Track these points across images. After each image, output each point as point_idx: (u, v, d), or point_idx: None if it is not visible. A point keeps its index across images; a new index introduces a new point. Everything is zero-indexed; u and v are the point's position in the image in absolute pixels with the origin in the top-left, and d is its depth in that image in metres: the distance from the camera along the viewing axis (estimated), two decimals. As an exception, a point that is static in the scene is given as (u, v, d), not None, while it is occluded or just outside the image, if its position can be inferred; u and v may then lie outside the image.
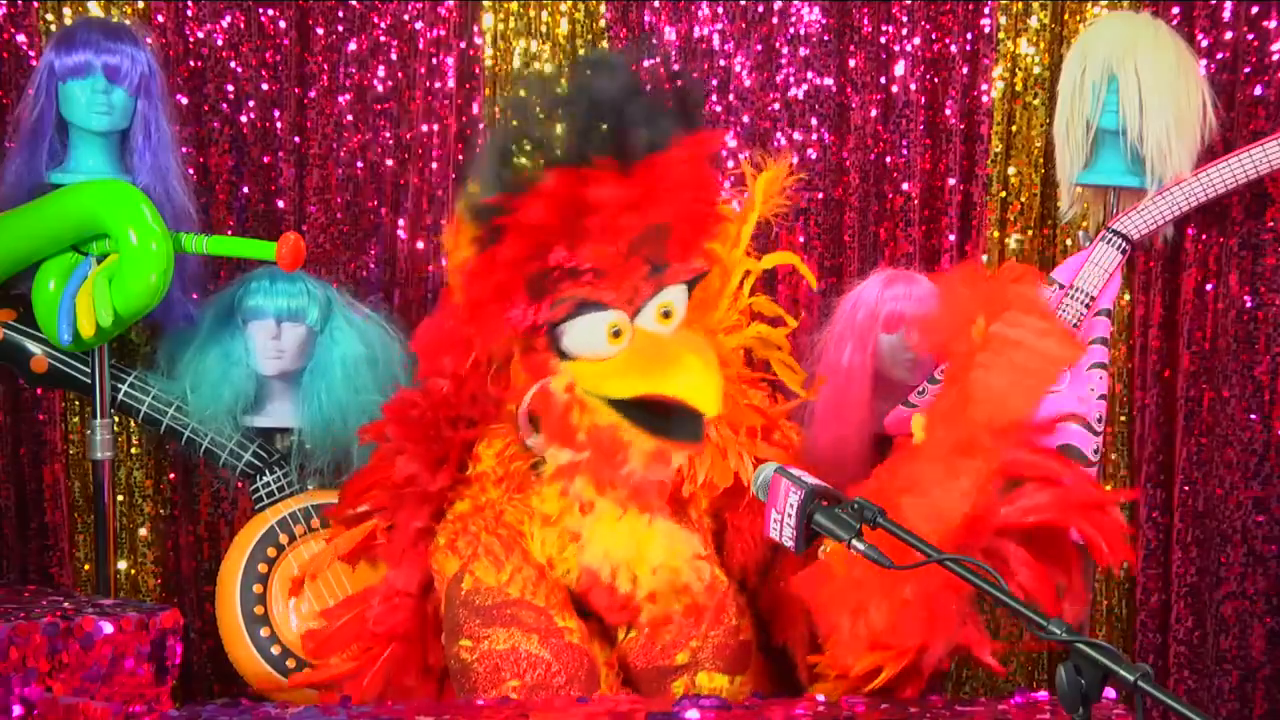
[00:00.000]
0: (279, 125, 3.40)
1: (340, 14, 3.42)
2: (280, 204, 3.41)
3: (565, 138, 2.34)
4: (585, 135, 2.33)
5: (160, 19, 3.32)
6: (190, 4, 3.35)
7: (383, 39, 3.43)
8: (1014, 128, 3.49)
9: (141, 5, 3.33)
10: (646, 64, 2.43)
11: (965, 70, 3.45)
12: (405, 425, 2.60)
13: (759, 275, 2.77)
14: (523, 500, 2.53)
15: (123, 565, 3.40)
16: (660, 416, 2.42)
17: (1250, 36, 3.25)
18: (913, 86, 3.44)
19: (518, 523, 2.51)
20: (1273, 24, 3.24)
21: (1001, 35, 3.45)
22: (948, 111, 3.45)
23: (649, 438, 2.42)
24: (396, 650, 2.61)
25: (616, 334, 2.42)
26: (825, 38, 3.45)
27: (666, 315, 2.46)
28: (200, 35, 3.36)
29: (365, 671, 2.61)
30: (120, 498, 3.39)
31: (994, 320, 2.33)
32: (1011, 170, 3.51)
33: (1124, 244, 3.07)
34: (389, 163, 3.46)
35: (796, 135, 3.46)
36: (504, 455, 2.56)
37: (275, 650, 3.04)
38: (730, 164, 3.30)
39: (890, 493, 2.23)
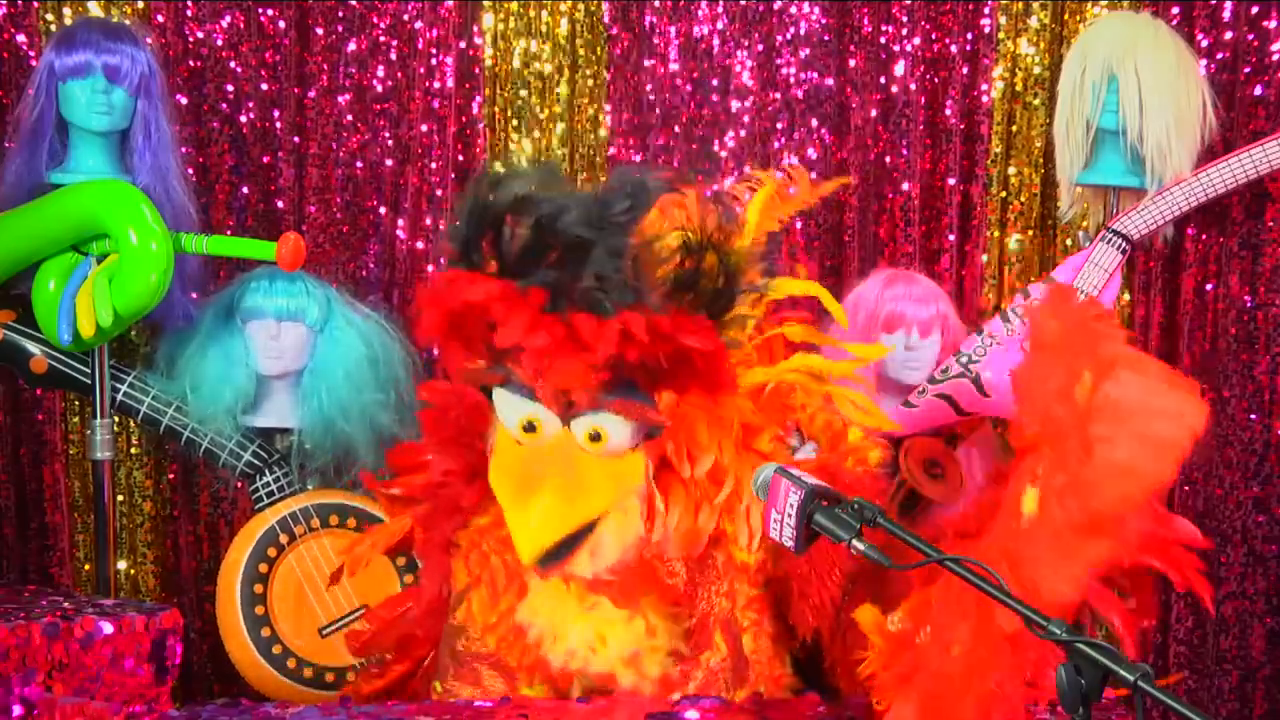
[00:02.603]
0: (279, 125, 3.40)
1: (340, 14, 3.42)
2: (280, 204, 3.41)
3: (519, 256, 2.17)
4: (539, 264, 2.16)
5: (160, 19, 3.32)
6: (190, 4, 3.35)
7: (382, 39, 3.43)
8: (1014, 128, 3.49)
9: (141, 5, 3.33)
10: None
11: (965, 70, 3.44)
12: (439, 426, 2.52)
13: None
14: None
15: (123, 565, 3.39)
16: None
17: (1250, 36, 3.25)
18: (913, 86, 3.44)
19: None
20: (1273, 24, 3.24)
21: (1001, 35, 3.45)
22: (948, 111, 3.45)
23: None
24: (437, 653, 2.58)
25: (530, 429, 2.28)
26: (825, 38, 3.45)
27: (595, 439, 2.27)
28: (200, 35, 3.36)
29: (414, 674, 2.61)
30: (120, 498, 3.38)
31: (1101, 379, 2.03)
32: (1011, 170, 3.51)
33: (1124, 244, 3.07)
34: (389, 163, 3.46)
35: (796, 135, 3.46)
36: None
37: (276, 650, 3.04)
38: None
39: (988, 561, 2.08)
